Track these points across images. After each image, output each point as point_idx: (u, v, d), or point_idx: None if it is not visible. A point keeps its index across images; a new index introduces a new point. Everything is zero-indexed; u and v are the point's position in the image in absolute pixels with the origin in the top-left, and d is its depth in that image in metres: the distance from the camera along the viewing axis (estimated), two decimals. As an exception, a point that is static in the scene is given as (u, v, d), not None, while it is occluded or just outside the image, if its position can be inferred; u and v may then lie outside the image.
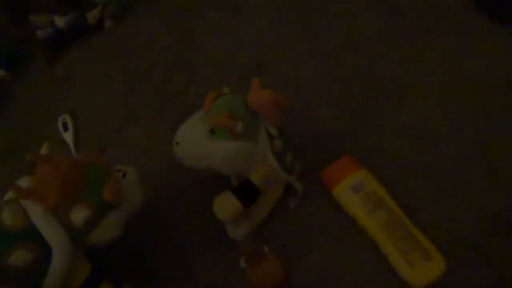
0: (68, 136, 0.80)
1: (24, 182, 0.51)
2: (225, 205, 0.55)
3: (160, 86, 0.87)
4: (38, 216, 0.48)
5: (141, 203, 0.57)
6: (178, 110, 0.81)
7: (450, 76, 0.74)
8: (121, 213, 0.54)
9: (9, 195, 0.51)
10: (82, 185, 0.50)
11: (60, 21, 0.94)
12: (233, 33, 0.93)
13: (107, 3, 0.98)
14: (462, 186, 0.61)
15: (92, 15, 0.97)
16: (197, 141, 0.55)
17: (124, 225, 0.55)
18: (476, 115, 0.68)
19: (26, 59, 0.98)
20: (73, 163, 0.51)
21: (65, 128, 0.81)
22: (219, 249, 0.62)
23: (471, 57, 0.76)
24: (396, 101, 0.73)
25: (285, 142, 0.59)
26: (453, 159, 0.64)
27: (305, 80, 0.80)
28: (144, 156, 0.75)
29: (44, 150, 0.55)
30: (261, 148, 0.56)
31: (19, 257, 0.46)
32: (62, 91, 0.91)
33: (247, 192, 0.56)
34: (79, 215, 0.48)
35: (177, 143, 0.56)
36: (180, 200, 0.68)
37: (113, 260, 0.63)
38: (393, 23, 0.84)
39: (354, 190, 0.59)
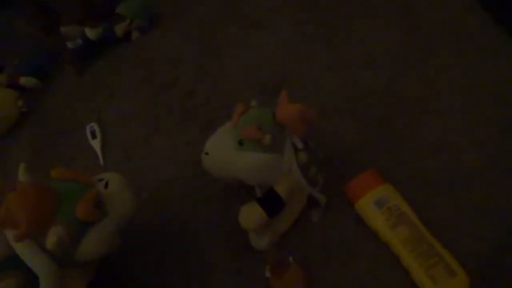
0: (96, 144, 0.82)
1: None
2: (251, 214, 0.57)
3: (184, 97, 0.89)
4: (18, 244, 0.48)
5: (130, 210, 0.55)
6: (201, 121, 0.83)
7: (471, 92, 0.75)
8: (108, 225, 0.52)
9: None
10: (55, 208, 0.49)
11: (90, 33, 0.98)
12: (255, 47, 0.95)
13: (135, 17, 1.01)
14: (486, 202, 0.61)
15: (120, 28, 1.01)
16: (225, 152, 0.57)
17: (113, 237, 0.53)
18: (497, 130, 0.69)
19: (56, 68, 1.02)
20: (41, 188, 0.50)
21: (93, 135, 0.84)
22: (241, 259, 0.63)
23: (491, 74, 0.76)
24: (417, 116, 0.74)
25: (309, 155, 0.60)
26: (476, 174, 0.64)
27: (326, 94, 0.81)
28: (168, 165, 0.77)
29: (21, 172, 0.53)
30: (286, 160, 0.58)
31: (6, 286, 0.46)
32: (89, 100, 0.94)
33: (272, 203, 0.57)
34: (51, 239, 0.47)
35: (206, 153, 0.58)
36: (203, 210, 0.70)
37: (133, 268, 0.65)
38: (413, 39, 0.86)
39: (377, 204, 0.60)
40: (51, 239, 0.47)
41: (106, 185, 0.54)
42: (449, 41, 0.84)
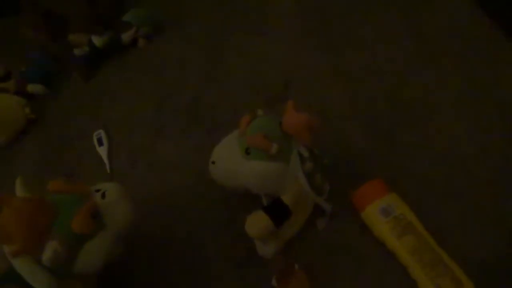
0: (103, 150, 0.83)
1: None
2: (258, 223, 0.57)
3: (190, 104, 0.89)
4: (16, 259, 0.48)
5: (128, 220, 0.55)
6: (207, 128, 0.84)
7: (475, 100, 0.75)
8: (105, 237, 0.51)
9: None
10: (51, 221, 0.49)
11: (97, 41, 0.99)
12: (260, 54, 0.96)
13: (141, 24, 1.02)
14: (491, 211, 0.61)
15: (126, 35, 1.02)
16: (232, 161, 0.57)
17: (112, 248, 0.53)
18: (502, 138, 0.69)
19: (63, 75, 1.03)
20: (36, 202, 0.50)
21: (100, 143, 0.84)
22: (247, 267, 0.63)
23: (499, 83, 0.77)
24: (423, 124, 0.74)
25: (315, 163, 0.60)
26: (482, 184, 0.65)
27: (331, 101, 0.82)
28: (174, 172, 0.78)
29: (18, 186, 0.53)
30: (293, 169, 0.58)
31: None
32: (96, 107, 0.94)
33: (279, 212, 0.58)
34: (46, 254, 0.47)
35: (213, 162, 0.59)
36: (209, 217, 0.70)
37: (137, 275, 0.65)
38: (419, 48, 0.86)
39: (383, 213, 0.60)
40: (47, 254, 0.47)
41: (104, 195, 0.54)
42: (453, 49, 0.84)
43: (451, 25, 0.89)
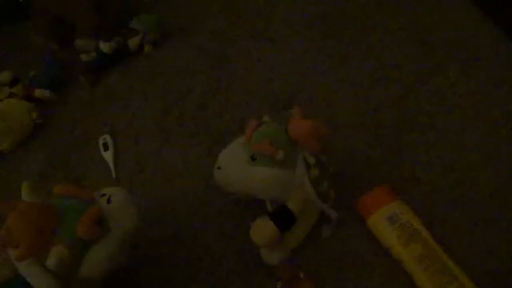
0: (108, 156, 0.83)
1: None
2: (263, 230, 0.57)
3: (196, 110, 0.90)
4: (22, 264, 0.48)
5: (133, 225, 0.55)
6: (213, 135, 0.84)
7: (482, 108, 0.75)
8: (111, 242, 0.51)
9: None
10: (56, 226, 0.49)
11: (104, 46, 1.00)
12: (266, 61, 0.96)
13: (148, 30, 1.03)
14: (499, 219, 0.61)
15: (133, 41, 1.03)
16: (238, 167, 0.57)
17: (117, 253, 0.52)
18: (509, 146, 0.68)
19: (70, 80, 1.03)
20: (41, 207, 0.50)
21: (105, 147, 0.84)
22: (252, 274, 0.63)
23: (505, 91, 0.76)
24: (429, 132, 0.74)
25: (321, 170, 0.60)
26: (489, 191, 0.64)
27: (338, 109, 0.82)
28: (179, 178, 0.78)
29: (24, 191, 0.53)
30: (298, 176, 0.58)
31: None
32: (102, 112, 0.95)
33: (284, 218, 0.57)
34: (52, 259, 0.47)
35: (218, 168, 0.59)
36: (214, 224, 0.70)
37: (142, 281, 0.65)
38: (425, 55, 0.86)
39: (389, 220, 0.59)
40: (52, 259, 0.47)
41: (109, 200, 0.54)
42: (462, 58, 0.84)
43: (458, 33, 0.89)
